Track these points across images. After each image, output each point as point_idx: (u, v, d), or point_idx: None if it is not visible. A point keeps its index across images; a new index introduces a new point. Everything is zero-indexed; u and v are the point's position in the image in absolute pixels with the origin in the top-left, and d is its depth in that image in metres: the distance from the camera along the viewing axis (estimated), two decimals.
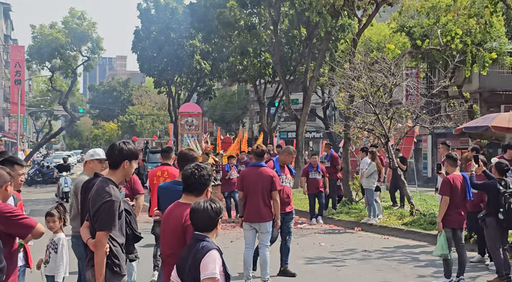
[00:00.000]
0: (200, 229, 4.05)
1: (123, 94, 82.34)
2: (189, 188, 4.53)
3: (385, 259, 10.96)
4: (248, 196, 8.52)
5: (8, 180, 4.87)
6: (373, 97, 15.91)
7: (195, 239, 4.04)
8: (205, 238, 4.02)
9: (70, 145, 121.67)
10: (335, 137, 35.13)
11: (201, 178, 4.49)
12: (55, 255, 6.44)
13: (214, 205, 4.06)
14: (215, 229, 4.08)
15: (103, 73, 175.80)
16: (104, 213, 4.60)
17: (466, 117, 26.58)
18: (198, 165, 4.56)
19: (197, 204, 4.07)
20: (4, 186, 4.83)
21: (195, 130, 29.05)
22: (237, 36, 30.18)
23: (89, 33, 48.75)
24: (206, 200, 4.09)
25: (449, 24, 22.67)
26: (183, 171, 4.61)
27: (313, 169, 15.80)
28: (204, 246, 3.95)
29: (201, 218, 4.03)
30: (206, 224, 4.04)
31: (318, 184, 15.74)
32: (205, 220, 4.03)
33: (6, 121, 65.07)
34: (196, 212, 4.04)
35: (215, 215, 4.04)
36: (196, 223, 4.06)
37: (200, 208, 4.04)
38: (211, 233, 4.06)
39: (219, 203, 4.13)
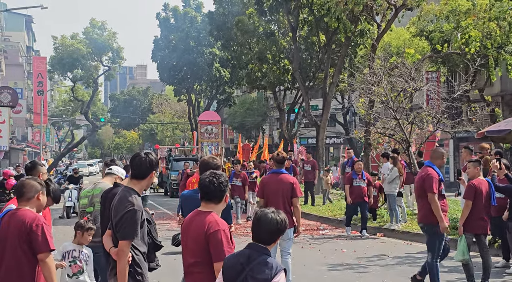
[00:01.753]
0: (261, 241, 3.86)
1: (143, 103, 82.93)
2: (208, 196, 4.47)
3: (408, 265, 10.87)
4: (268, 203, 8.48)
5: (40, 189, 4.98)
6: (394, 102, 15.84)
7: (256, 250, 3.84)
8: (268, 251, 3.84)
9: (92, 154, 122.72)
10: (356, 143, 34.97)
11: (220, 185, 4.46)
12: (86, 266, 6.52)
13: (280, 217, 3.88)
14: (273, 244, 3.90)
15: (124, 83, 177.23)
16: (126, 222, 4.63)
17: (488, 121, 26.27)
18: (214, 172, 4.54)
19: (264, 214, 3.88)
20: (36, 195, 4.93)
21: (214, 138, 29.18)
22: (256, 43, 30.26)
23: (110, 43, 49.29)
24: (274, 211, 3.90)
25: (469, 27, 22.50)
26: (201, 179, 4.56)
27: (357, 176, 14.92)
28: (272, 263, 3.77)
29: (266, 230, 3.84)
30: (269, 236, 3.85)
31: (362, 193, 14.80)
32: (270, 232, 3.84)
33: (29, 132, 65.88)
34: (261, 222, 3.86)
35: (280, 229, 3.86)
36: (259, 233, 3.86)
37: (267, 218, 3.85)
38: (270, 246, 3.88)
39: (284, 215, 3.94)
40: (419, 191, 8.30)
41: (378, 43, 19.68)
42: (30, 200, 4.90)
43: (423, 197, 8.23)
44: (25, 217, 4.74)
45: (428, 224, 8.21)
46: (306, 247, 13.00)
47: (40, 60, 59.03)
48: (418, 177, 8.53)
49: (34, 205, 4.92)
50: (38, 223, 4.71)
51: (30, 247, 4.70)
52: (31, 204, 4.89)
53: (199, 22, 45.71)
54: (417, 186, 8.38)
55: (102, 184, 6.86)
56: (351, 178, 14.94)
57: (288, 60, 29.59)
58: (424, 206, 8.24)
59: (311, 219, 18.24)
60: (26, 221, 4.71)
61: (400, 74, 16.08)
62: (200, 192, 4.53)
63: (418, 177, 8.50)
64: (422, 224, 8.40)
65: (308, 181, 21.05)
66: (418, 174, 8.58)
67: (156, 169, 4.95)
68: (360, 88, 17.77)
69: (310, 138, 46.04)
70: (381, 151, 19.09)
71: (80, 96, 61.60)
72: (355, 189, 14.77)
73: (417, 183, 8.46)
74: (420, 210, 8.42)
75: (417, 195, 8.58)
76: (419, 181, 8.34)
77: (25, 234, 4.69)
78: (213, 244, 4.27)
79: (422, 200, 8.27)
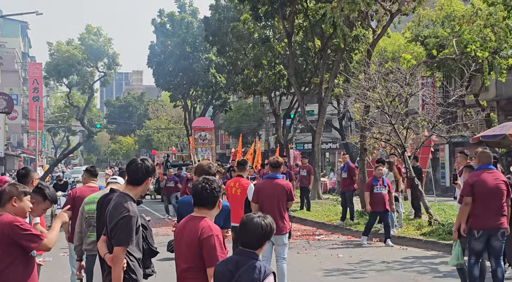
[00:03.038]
0: (248, 246, 3.89)
1: (138, 109, 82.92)
2: (201, 202, 4.50)
3: (404, 270, 10.87)
4: (263, 209, 8.38)
5: (15, 194, 5.00)
6: (389, 107, 15.86)
7: (244, 256, 3.86)
8: (256, 256, 3.86)
9: (88, 160, 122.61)
10: (352, 148, 35.02)
11: (213, 191, 4.48)
12: None
13: (266, 222, 3.88)
14: (260, 248, 3.91)
15: (120, 88, 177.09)
16: (122, 228, 4.63)
17: (483, 126, 26.37)
18: (207, 178, 4.57)
19: (250, 219, 3.89)
20: (10, 201, 4.96)
21: (208, 144, 29.22)
22: (251, 49, 30.29)
23: (105, 49, 49.23)
24: (260, 215, 3.92)
25: (465, 33, 22.58)
26: (193, 185, 4.58)
27: (378, 183, 13.96)
28: (261, 267, 3.80)
29: (252, 235, 3.86)
30: (256, 241, 3.87)
31: (384, 200, 13.85)
32: (256, 236, 3.86)
33: (25, 138, 65.78)
34: (247, 227, 3.87)
35: (266, 233, 3.87)
36: (245, 238, 3.88)
37: (252, 223, 3.86)
38: (258, 251, 3.89)
39: (271, 219, 3.95)
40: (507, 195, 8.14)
41: (373, 49, 19.70)
42: (5, 205, 4.94)
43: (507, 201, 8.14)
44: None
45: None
46: (301, 253, 12.99)
47: (36, 66, 58.99)
48: (501, 181, 8.20)
49: (10, 210, 4.94)
50: (12, 224, 4.77)
51: (9, 251, 4.75)
52: (6, 209, 4.93)
53: (195, 27, 45.77)
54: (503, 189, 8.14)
55: (100, 192, 6.88)
56: (371, 184, 14.01)
57: (284, 66, 29.63)
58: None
59: (307, 224, 18.24)
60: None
61: (395, 79, 16.11)
62: (193, 197, 4.55)
63: (503, 180, 8.22)
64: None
65: (303, 186, 21.05)
66: (494, 179, 8.16)
67: (152, 175, 4.95)
68: (356, 93, 17.79)
69: (306, 144, 46.09)
70: (376, 156, 19.13)
71: (76, 102, 61.54)
72: (376, 196, 13.86)
73: (503, 187, 8.17)
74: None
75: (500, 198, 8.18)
76: (505, 185, 8.16)
77: (7, 237, 4.75)
78: (207, 249, 4.30)
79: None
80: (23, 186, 5.20)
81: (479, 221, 8.03)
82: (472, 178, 8.19)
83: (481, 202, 8.02)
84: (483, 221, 8.02)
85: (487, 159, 8.29)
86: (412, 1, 18.72)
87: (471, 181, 8.13)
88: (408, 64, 16.49)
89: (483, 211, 8.01)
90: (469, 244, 8.17)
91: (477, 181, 8.08)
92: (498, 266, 8.12)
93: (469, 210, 8.09)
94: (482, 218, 8.01)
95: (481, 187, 8.04)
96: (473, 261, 8.09)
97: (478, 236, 8.02)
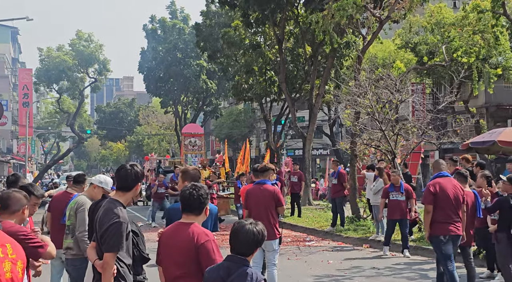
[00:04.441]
0: (239, 252, 3.88)
1: (129, 115, 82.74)
2: (189, 208, 4.51)
3: (394, 276, 10.90)
4: (252, 215, 8.42)
5: (25, 203, 5.01)
6: (379, 113, 15.93)
7: (235, 262, 3.86)
8: (247, 263, 3.86)
9: (78, 166, 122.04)
10: (342, 154, 35.09)
11: (200, 197, 4.50)
12: None
13: (257, 229, 3.90)
14: (251, 255, 3.92)
15: (111, 94, 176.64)
16: (112, 234, 4.62)
17: (473, 133, 26.53)
18: (195, 185, 4.58)
19: (241, 226, 3.90)
20: (21, 209, 4.96)
21: (198, 150, 29.23)
22: (242, 55, 30.32)
23: (96, 55, 49.22)
24: (251, 222, 3.92)
25: (455, 40, 22.74)
26: (181, 192, 4.59)
27: (395, 189, 13.31)
28: (252, 274, 3.80)
29: (244, 242, 3.86)
30: (247, 248, 3.88)
31: (401, 208, 13.11)
32: (248, 243, 3.87)
33: (14, 144, 65.44)
34: (239, 234, 3.88)
35: (258, 240, 3.88)
36: (237, 245, 3.89)
37: (243, 230, 3.87)
38: (249, 258, 3.90)
39: (262, 226, 3.96)
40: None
41: (363, 55, 19.79)
42: (14, 213, 4.91)
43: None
44: (8, 229, 4.72)
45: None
46: (292, 259, 12.99)
47: (26, 72, 58.81)
48: (459, 189, 8.49)
49: (17, 218, 4.92)
50: (19, 235, 4.70)
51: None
52: (15, 218, 4.90)
53: (186, 34, 45.81)
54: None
55: (79, 197, 6.77)
56: (387, 191, 13.34)
57: (275, 72, 29.69)
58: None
59: (298, 230, 18.24)
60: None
61: (385, 85, 16.18)
62: (181, 204, 4.57)
63: (460, 188, 8.53)
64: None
65: (294, 192, 21.06)
66: (452, 186, 8.45)
67: (141, 181, 4.95)
68: (346, 99, 17.86)
69: (297, 150, 46.16)
70: (367, 162, 19.18)
71: (66, 108, 61.36)
72: (392, 203, 13.19)
73: (461, 194, 8.46)
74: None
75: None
76: (463, 192, 8.49)
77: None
78: (204, 254, 4.30)
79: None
80: (25, 193, 5.19)
81: (444, 226, 8.31)
82: (433, 187, 8.42)
83: (443, 209, 8.31)
84: (446, 227, 8.31)
85: (440, 166, 8.65)
86: (402, 8, 18.83)
87: (433, 189, 8.38)
88: (399, 71, 16.59)
89: (446, 217, 8.31)
90: (439, 249, 8.40)
91: (438, 189, 8.36)
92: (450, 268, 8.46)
93: (431, 217, 8.35)
94: (446, 224, 8.31)
95: (443, 195, 8.33)
96: (451, 267, 8.32)
97: (445, 240, 8.30)
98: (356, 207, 18.50)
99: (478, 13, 16.57)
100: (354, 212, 18.35)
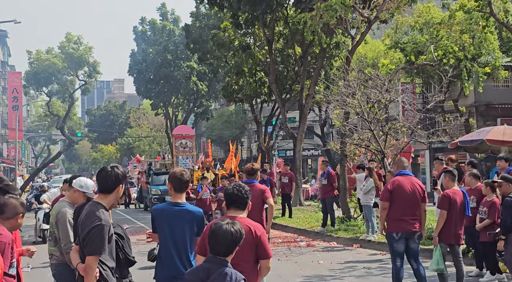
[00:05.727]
0: (218, 253, 3.92)
1: (120, 117, 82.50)
2: (237, 204, 4.99)
3: (384, 276, 10.89)
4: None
5: (20, 211, 5.01)
6: (368, 113, 15.94)
7: (214, 263, 3.89)
8: (227, 263, 3.89)
9: (69, 169, 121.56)
10: (333, 155, 35.13)
11: (245, 194, 5.03)
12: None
13: (235, 228, 3.94)
14: (231, 255, 3.96)
15: (101, 97, 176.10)
16: (94, 237, 4.59)
17: (462, 132, 26.62)
18: (239, 184, 5.15)
19: (218, 226, 3.94)
20: (15, 217, 4.97)
21: (189, 152, 29.13)
22: (232, 56, 30.30)
23: (86, 57, 49.03)
24: (228, 222, 3.97)
25: (443, 39, 22.81)
26: (227, 190, 5.08)
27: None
28: (232, 274, 3.83)
29: (222, 242, 3.90)
30: (226, 248, 3.92)
31: None
32: (226, 243, 3.90)
33: (4, 148, 65.12)
34: (216, 234, 3.91)
35: (236, 239, 3.93)
36: (216, 246, 3.93)
37: (221, 231, 3.91)
38: (228, 258, 3.93)
39: (240, 225, 4.02)
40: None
41: (352, 56, 19.81)
42: (8, 220, 4.93)
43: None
44: None
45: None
46: (282, 259, 12.97)
47: (15, 75, 58.52)
48: (417, 187, 8.66)
49: (10, 225, 4.93)
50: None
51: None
52: (8, 224, 4.91)
53: (176, 35, 45.73)
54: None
55: (59, 205, 6.50)
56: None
57: (265, 73, 29.67)
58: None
59: (289, 231, 18.24)
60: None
61: (374, 85, 16.20)
62: (228, 200, 5.05)
63: (419, 186, 8.71)
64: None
65: (285, 193, 21.04)
66: (411, 184, 8.59)
67: (123, 182, 4.90)
68: (336, 100, 17.86)
69: (288, 151, 46.17)
70: (357, 162, 19.19)
71: (56, 111, 61.12)
72: None
73: (419, 192, 8.60)
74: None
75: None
76: (421, 190, 8.66)
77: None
78: (262, 244, 4.73)
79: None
80: (22, 201, 5.18)
81: (397, 224, 8.49)
82: (391, 184, 8.62)
83: (399, 207, 8.49)
84: (400, 224, 8.48)
85: (403, 164, 8.85)
86: (390, 8, 18.87)
87: (390, 187, 8.58)
88: (386, 69, 16.60)
89: (400, 214, 8.48)
90: (391, 246, 8.65)
91: (395, 187, 8.53)
92: (419, 265, 8.66)
93: (386, 214, 8.57)
94: (400, 221, 8.48)
95: (399, 192, 8.50)
96: (399, 264, 8.54)
97: (397, 237, 8.50)
98: (346, 207, 18.51)
99: (465, 12, 16.60)
100: (345, 212, 18.36)
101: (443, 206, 8.76)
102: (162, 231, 5.57)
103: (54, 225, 6.34)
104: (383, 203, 8.63)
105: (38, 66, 48.17)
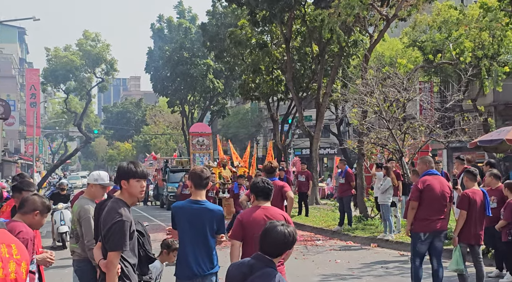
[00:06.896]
0: (266, 252, 3.76)
1: (136, 115, 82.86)
2: (265, 196, 5.66)
3: (402, 275, 10.82)
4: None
5: (39, 208, 5.01)
6: (386, 112, 15.84)
7: (260, 261, 3.74)
8: (273, 264, 3.74)
9: (86, 165, 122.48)
10: (350, 154, 34.99)
11: (269, 186, 5.70)
12: None
13: (289, 230, 3.78)
14: (279, 257, 3.79)
15: (118, 94, 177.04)
16: (115, 233, 4.59)
17: (481, 131, 26.37)
18: (264, 178, 5.76)
19: (273, 226, 3.79)
20: (32, 213, 4.98)
21: (206, 150, 29.14)
22: (249, 54, 30.28)
23: (103, 55, 49.27)
24: (284, 223, 3.82)
25: (461, 38, 22.59)
26: (256, 183, 5.69)
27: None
28: (276, 277, 3.67)
29: (273, 243, 3.75)
30: (276, 249, 3.75)
31: None
32: (277, 245, 3.75)
33: (22, 144, 65.68)
34: (269, 234, 3.76)
35: (288, 242, 3.76)
36: (265, 245, 3.77)
37: (275, 231, 3.76)
38: (275, 259, 3.77)
39: (294, 228, 3.86)
40: None
41: (370, 54, 19.70)
42: (25, 215, 4.96)
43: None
44: (12, 228, 4.71)
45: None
46: (299, 258, 12.94)
47: (33, 72, 59.03)
48: (446, 186, 8.60)
49: (28, 221, 4.94)
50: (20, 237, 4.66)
51: None
52: (26, 219, 4.94)
53: (193, 33, 45.79)
54: None
55: (80, 203, 6.44)
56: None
57: (282, 71, 29.61)
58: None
59: (305, 229, 18.19)
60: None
61: (392, 84, 16.10)
62: (255, 192, 5.66)
63: (447, 186, 8.65)
64: None
65: (302, 191, 21.00)
66: (440, 184, 8.53)
67: (127, 177, 4.80)
68: (353, 98, 17.77)
69: (304, 149, 46.07)
70: (374, 161, 19.09)
71: (73, 108, 61.57)
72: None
73: (447, 192, 8.53)
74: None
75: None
76: (449, 190, 8.59)
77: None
78: None
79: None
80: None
81: (425, 224, 8.43)
82: (421, 184, 8.53)
83: (427, 206, 8.42)
84: (429, 224, 8.42)
85: (431, 164, 8.79)
86: (409, 5, 18.73)
87: (421, 186, 8.49)
88: (405, 69, 16.49)
89: (429, 214, 8.42)
90: (414, 246, 8.58)
91: (425, 187, 8.46)
92: (440, 266, 8.58)
93: (414, 214, 8.48)
94: (429, 221, 8.42)
95: (429, 192, 8.42)
96: (418, 263, 8.52)
97: (424, 238, 8.45)
98: (364, 206, 18.42)
99: (486, 11, 16.42)
100: (362, 211, 18.27)
101: (463, 206, 8.69)
102: (181, 229, 5.58)
103: (76, 222, 6.35)
104: (413, 203, 8.50)
105: (56, 64, 48.48)
